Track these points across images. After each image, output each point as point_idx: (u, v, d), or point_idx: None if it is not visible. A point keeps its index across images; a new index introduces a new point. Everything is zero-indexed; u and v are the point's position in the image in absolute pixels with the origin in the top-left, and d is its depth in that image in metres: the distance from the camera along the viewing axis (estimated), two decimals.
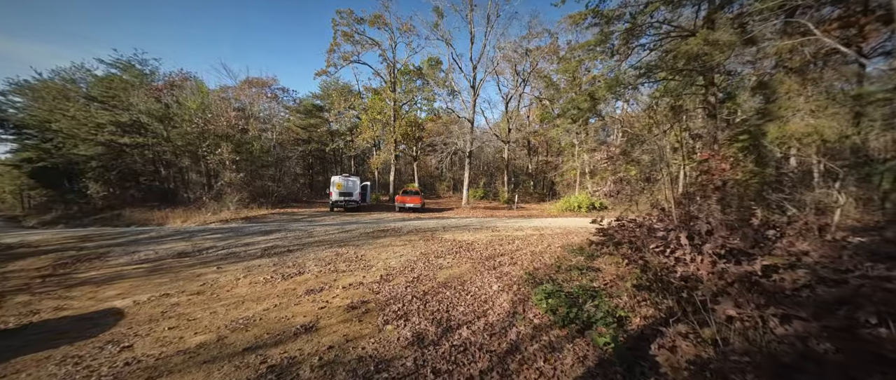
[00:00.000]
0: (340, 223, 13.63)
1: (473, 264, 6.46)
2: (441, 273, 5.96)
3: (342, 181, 18.60)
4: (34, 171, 24.81)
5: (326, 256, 7.56)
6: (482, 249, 7.95)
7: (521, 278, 5.22)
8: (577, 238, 9.04)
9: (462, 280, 5.48)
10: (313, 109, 32.96)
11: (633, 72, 9.04)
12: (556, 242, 8.54)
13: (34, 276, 6.59)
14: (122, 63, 23.10)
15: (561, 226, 11.98)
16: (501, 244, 8.44)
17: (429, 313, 4.17)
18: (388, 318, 4.07)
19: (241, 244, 9.32)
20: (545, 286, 4.31)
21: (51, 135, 22.39)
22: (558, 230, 10.82)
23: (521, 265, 6.08)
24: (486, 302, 4.38)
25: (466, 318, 3.93)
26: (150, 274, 6.51)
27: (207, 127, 21.20)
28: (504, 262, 6.49)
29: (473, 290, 4.93)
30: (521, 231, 10.80)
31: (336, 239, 9.82)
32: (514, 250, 7.63)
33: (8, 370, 3.15)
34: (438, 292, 4.93)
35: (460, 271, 6.01)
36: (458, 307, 4.29)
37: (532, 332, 3.33)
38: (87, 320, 4.38)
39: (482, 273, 5.77)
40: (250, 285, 5.68)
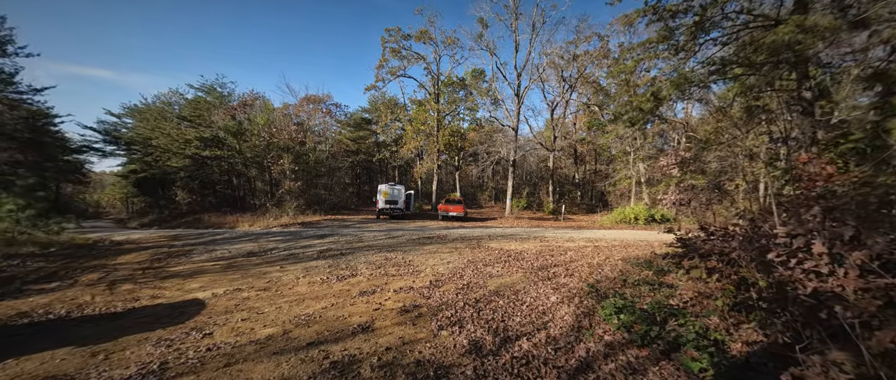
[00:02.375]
0: (387, 230, 14.03)
1: (525, 274, 6.16)
2: (492, 282, 5.76)
3: (388, 189, 19.27)
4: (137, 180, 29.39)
5: (376, 261, 7.76)
6: (532, 259, 7.59)
7: (581, 291, 4.83)
8: (639, 251, 8.25)
9: (515, 289, 5.23)
10: (362, 123, 34.96)
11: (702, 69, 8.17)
12: (616, 254, 7.86)
13: (136, 268, 7.66)
14: (207, 87, 26.67)
15: (617, 238, 11.07)
16: (553, 255, 7.99)
17: (483, 321, 4.00)
18: (442, 323, 3.99)
19: (299, 246, 9.98)
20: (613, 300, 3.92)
21: (151, 150, 26.44)
22: (615, 242, 10.00)
23: (579, 277, 5.65)
24: (544, 313, 4.10)
25: (525, 329, 3.70)
26: (225, 270, 7.20)
27: (272, 140, 23.49)
28: (559, 273, 6.10)
29: (529, 300, 4.66)
30: (573, 242, 10.16)
31: (384, 244, 10.08)
32: (569, 262, 7.16)
33: (116, 347, 3.61)
34: (491, 301, 4.75)
35: (512, 281, 5.76)
36: (515, 317, 4.07)
37: (604, 349, 3.00)
38: (176, 308, 4.92)
39: (536, 284, 5.46)
40: (309, 284, 6.00)
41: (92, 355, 3.42)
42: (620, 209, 18.18)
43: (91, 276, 6.92)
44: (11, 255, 8.00)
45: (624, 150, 24.20)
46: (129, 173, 30.34)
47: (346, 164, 33.28)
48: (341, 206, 26.56)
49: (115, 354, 3.43)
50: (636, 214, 16.48)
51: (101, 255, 9.39)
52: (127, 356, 3.37)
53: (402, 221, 18.94)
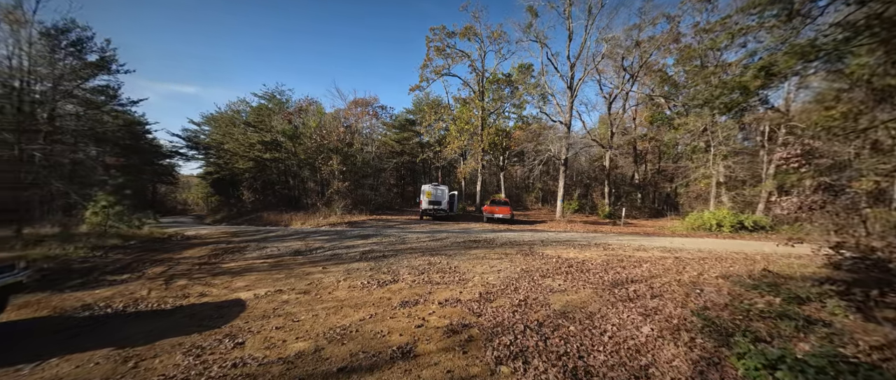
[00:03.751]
0: (430, 231, 13.54)
1: (596, 291, 5.07)
2: (554, 298, 4.79)
3: (432, 190, 18.86)
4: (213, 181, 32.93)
5: (419, 265, 7.18)
6: (600, 270, 6.40)
7: (685, 320, 3.68)
8: (740, 266, 6.59)
9: (587, 311, 4.22)
10: (406, 124, 35.35)
11: (834, 32, 6.26)
12: (710, 270, 6.33)
13: (194, 263, 8.01)
14: (268, 95, 28.94)
15: (701, 249, 9.24)
16: (625, 267, 6.70)
17: (553, 356, 3.11)
18: (499, 354, 3.18)
19: (343, 246, 9.85)
20: (748, 343, 2.76)
21: (223, 153, 29.38)
22: (701, 254, 8.27)
23: (673, 300, 4.44)
24: (638, 352, 3.07)
25: (617, 375, 2.73)
26: (271, 269, 7.16)
27: (322, 142, 24.58)
28: (641, 292, 4.91)
29: (610, 329, 3.64)
30: (645, 252, 8.63)
31: (427, 247, 9.52)
32: (649, 277, 5.86)
33: (149, 353, 3.39)
34: (558, 325, 3.81)
35: (580, 299, 4.73)
36: (596, 354, 3.11)
37: None
38: (218, 309, 4.77)
39: (614, 305, 4.38)
40: (349, 288, 5.58)
41: (124, 360, 3.21)
42: (696, 214, 15.59)
43: (156, 269, 7.33)
44: (98, 246, 8.90)
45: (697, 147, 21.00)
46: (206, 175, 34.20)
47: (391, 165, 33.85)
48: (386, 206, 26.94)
49: (144, 361, 3.19)
50: (719, 219, 13.92)
51: (171, 249, 10.17)
52: (154, 366, 3.10)
53: (446, 222, 18.40)
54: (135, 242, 10.33)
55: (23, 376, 2.99)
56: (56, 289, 5.72)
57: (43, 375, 3.00)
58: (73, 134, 17.98)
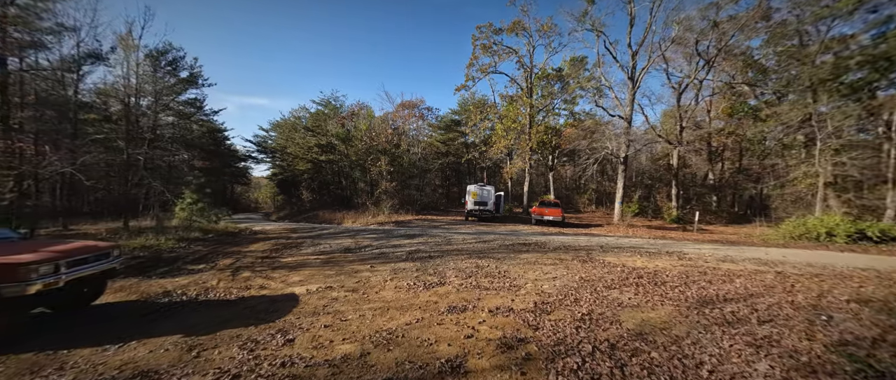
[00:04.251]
0: (476, 233, 13.14)
1: (678, 309, 4.27)
2: (626, 315, 4.11)
3: (477, 190, 18.45)
4: (278, 182, 36.30)
5: (466, 268, 6.84)
6: (678, 284, 5.46)
7: (817, 357, 2.83)
8: (874, 288, 5.14)
9: (671, 335, 3.50)
10: (451, 124, 35.38)
11: None
12: (831, 290, 5.02)
13: (258, 256, 8.63)
14: (324, 101, 31.08)
15: (808, 262, 7.54)
16: (710, 282, 5.64)
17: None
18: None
19: (390, 245, 9.92)
20: None
21: (286, 156, 32.20)
22: (810, 270, 6.72)
23: (791, 328, 3.50)
24: None
25: None
26: (323, 266, 7.39)
27: (372, 144, 25.59)
28: (742, 314, 4.00)
29: (708, 361, 2.93)
30: (733, 264, 7.28)
31: (474, 249, 9.15)
32: (747, 296, 4.82)
33: (211, 342, 3.52)
34: (636, 350, 3.19)
35: (660, 318, 3.99)
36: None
37: None
38: (274, 302, 4.93)
39: (708, 329, 3.59)
40: (396, 289, 5.45)
41: (189, 349, 3.36)
42: (797, 220, 12.95)
43: (226, 261, 8.02)
44: (183, 238, 10.08)
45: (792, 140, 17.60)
46: (272, 176, 37.85)
47: (436, 165, 34.12)
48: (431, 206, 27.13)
49: (205, 352, 3.30)
50: (830, 227, 11.35)
51: (240, 242, 11.19)
52: (213, 358, 3.19)
53: (492, 223, 17.84)
54: (212, 235, 11.57)
55: (107, 355, 3.26)
56: (146, 275, 6.48)
57: (122, 356, 3.25)
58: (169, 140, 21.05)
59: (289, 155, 31.71)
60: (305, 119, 33.34)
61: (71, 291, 4.07)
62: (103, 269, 4.41)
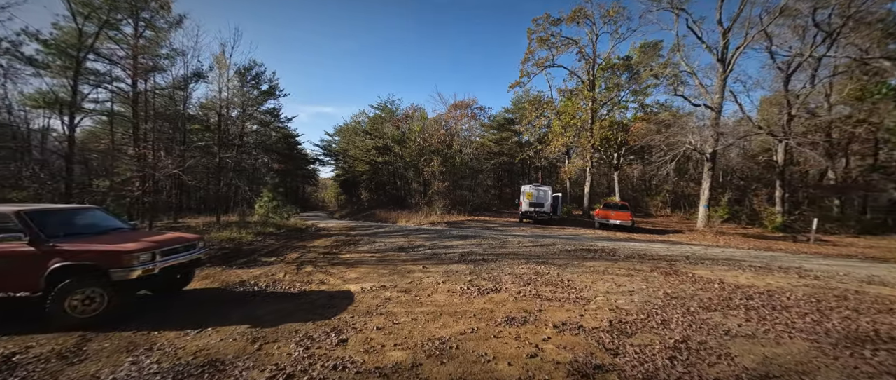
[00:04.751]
0: (533, 236, 12.34)
1: (817, 345, 3.25)
2: (738, 347, 3.24)
3: (533, 191, 17.47)
4: (341, 182, 39.17)
5: (524, 274, 6.30)
6: (806, 310, 4.25)
7: None
8: None
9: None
10: (504, 123, 34.41)
11: None
12: None
13: (320, 251, 9.13)
14: (381, 105, 32.64)
15: None
16: (855, 310, 4.29)
17: None
18: None
19: (442, 246, 9.75)
20: None
21: (348, 159, 34.56)
22: None
23: None
24: None
25: None
26: (377, 264, 7.48)
27: (425, 145, 26.04)
28: None
29: None
30: (887, 288, 5.52)
31: (531, 254, 8.50)
32: None
33: (272, 336, 3.61)
34: None
35: (791, 356, 3.05)
36: None
37: None
38: (331, 298, 5.02)
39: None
40: (448, 293, 5.18)
41: (253, 341, 3.49)
42: None
43: (293, 255, 8.62)
44: (260, 233, 11.19)
45: None
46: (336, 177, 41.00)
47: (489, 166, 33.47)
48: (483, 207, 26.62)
49: (266, 346, 3.38)
50: None
51: (306, 238, 12.08)
52: (272, 353, 3.24)
53: (549, 226, 16.71)
54: (283, 230, 12.72)
55: (186, 340, 3.53)
56: (228, 265, 7.21)
57: (198, 342, 3.48)
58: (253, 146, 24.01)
59: (350, 157, 33.97)
60: (364, 123, 35.40)
61: (165, 277, 4.57)
62: (191, 258, 4.91)
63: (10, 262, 3.71)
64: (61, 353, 3.20)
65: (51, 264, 3.74)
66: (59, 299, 3.72)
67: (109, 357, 3.15)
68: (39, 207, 4.31)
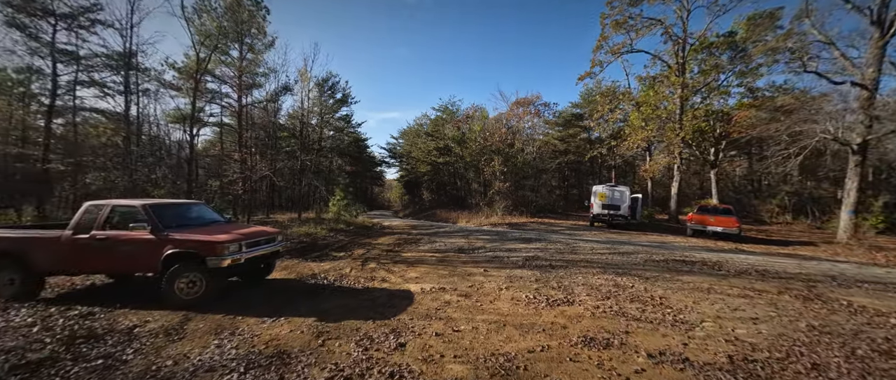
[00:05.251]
0: (608, 242, 10.98)
1: None
2: None
3: (606, 191, 15.68)
4: (404, 183, 40.98)
5: (601, 286, 5.48)
6: None
7: None
8: None
9: None
10: (571, 119, 31.96)
11: None
12: None
13: (384, 249, 9.42)
14: (442, 107, 33.15)
15: None
16: None
17: None
18: None
19: (504, 248, 9.23)
20: None
21: (411, 160, 35.94)
22: None
23: None
24: None
25: None
26: (437, 264, 7.35)
27: (485, 145, 25.56)
28: None
29: None
30: None
31: (609, 262, 7.47)
32: None
33: (335, 332, 3.64)
34: None
35: None
36: None
37: None
38: (392, 297, 4.99)
39: None
40: (512, 301, 4.72)
41: (317, 335, 3.55)
42: None
43: (359, 251, 9.04)
44: (332, 229, 12.10)
45: None
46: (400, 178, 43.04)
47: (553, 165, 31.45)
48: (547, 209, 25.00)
49: (329, 342, 3.40)
50: None
51: (372, 235, 12.69)
52: (333, 350, 3.22)
53: (627, 231, 14.77)
54: (352, 227, 13.61)
55: (263, 328, 3.76)
56: (303, 258, 7.83)
57: (271, 332, 3.67)
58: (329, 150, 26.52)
59: (412, 159, 35.26)
60: (426, 125, 36.40)
61: (250, 266, 5.05)
62: (271, 250, 5.36)
63: (137, 246, 4.43)
64: (167, 330, 3.67)
65: (165, 251, 4.36)
66: (170, 280, 4.32)
67: (201, 338, 3.49)
68: (158, 202, 5.13)
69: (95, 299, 4.70)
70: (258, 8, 17.18)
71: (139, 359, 2.98)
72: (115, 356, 3.01)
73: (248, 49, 18.44)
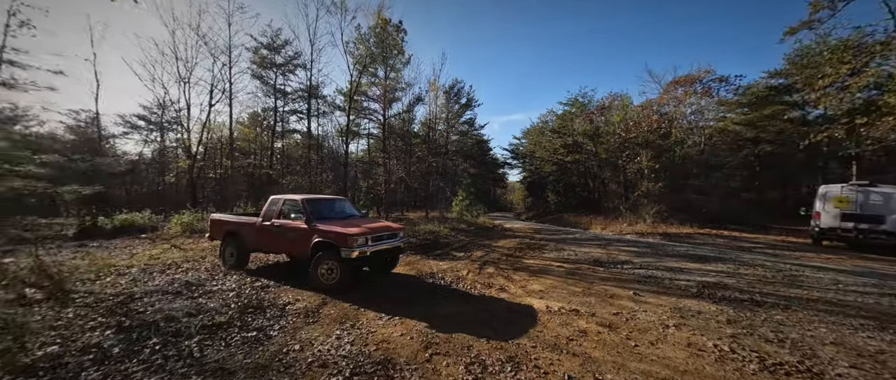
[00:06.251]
0: (868, 273, 6.81)
1: None
2: None
3: (851, 194, 10.10)
4: (527, 185, 39.31)
5: (875, 351, 3.13)
6: None
7: None
8: None
9: None
10: (769, 94, 22.96)
11: None
12: None
13: (504, 252, 8.72)
14: (570, 100, 29.84)
15: None
16: None
17: None
18: None
19: (662, 266, 6.98)
20: None
21: (534, 160, 34.08)
22: None
23: None
24: None
25: None
26: (567, 277, 6.11)
27: (628, 137, 21.29)
28: None
29: None
30: None
31: (880, 310, 4.43)
32: None
33: (444, 346, 3.20)
34: None
35: None
36: None
37: None
38: (511, 311, 4.25)
39: None
40: (691, 349, 3.19)
41: (426, 346, 3.19)
42: None
43: (478, 252, 8.66)
44: (454, 228, 12.29)
45: None
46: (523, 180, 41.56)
47: (735, 159, 23.43)
48: (725, 218, 18.55)
49: (436, 357, 2.98)
50: None
51: (492, 236, 12.22)
52: (440, 370, 2.76)
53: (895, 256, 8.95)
54: (473, 227, 13.54)
55: (378, 325, 3.70)
56: (425, 255, 8.03)
57: (384, 330, 3.55)
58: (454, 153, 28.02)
59: (536, 159, 33.26)
60: (552, 122, 33.68)
61: (376, 259, 5.30)
62: (394, 245, 5.52)
63: (297, 233, 5.26)
64: (308, 311, 4.08)
65: (313, 239, 5.00)
66: (315, 266, 4.91)
67: (328, 325, 3.68)
68: (312, 197, 6.05)
69: (274, 274, 5.90)
70: (398, 31, 19.67)
71: (279, 337, 3.30)
72: (265, 330, 3.44)
73: (390, 69, 21.37)
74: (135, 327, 3.22)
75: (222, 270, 5.96)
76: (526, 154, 37.43)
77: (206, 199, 19.02)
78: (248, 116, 22.50)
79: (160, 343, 2.92)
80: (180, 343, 2.95)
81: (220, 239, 6.38)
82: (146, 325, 3.26)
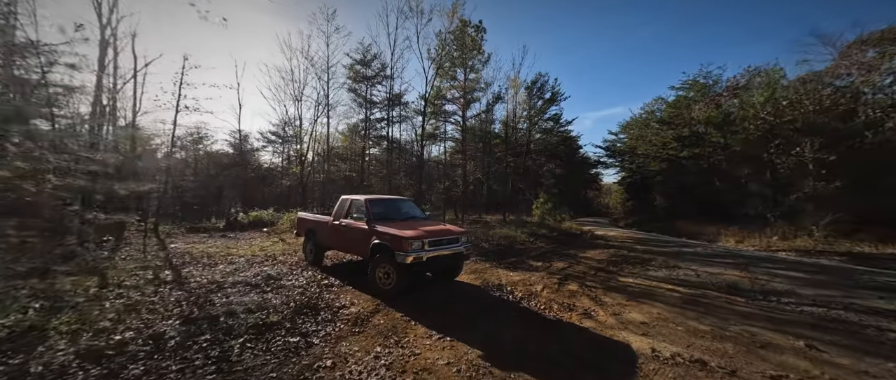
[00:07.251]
0: None
1: None
2: None
3: None
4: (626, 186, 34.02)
5: None
6: None
7: None
8: None
9: None
10: None
11: None
12: None
13: (592, 266, 7.23)
14: (689, 83, 24.44)
15: None
16: None
17: None
18: None
19: (859, 308, 4.58)
20: None
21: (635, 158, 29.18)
22: None
23: None
24: None
25: None
26: (684, 306, 4.51)
27: (779, 122, 16.03)
28: None
29: None
30: None
31: None
32: None
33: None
34: None
35: None
36: None
37: None
38: (599, 351, 3.19)
39: None
40: None
41: None
42: None
43: (559, 263, 7.39)
44: (533, 233, 11.07)
45: None
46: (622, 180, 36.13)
47: None
48: None
49: None
50: None
51: (578, 245, 10.53)
52: None
53: None
54: (556, 233, 11.99)
55: (425, 346, 3.18)
56: (496, 262, 7.22)
57: (430, 354, 3.00)
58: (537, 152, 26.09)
59: (638, 156, 28.39)
60: (659, 112, 28.27)
61: (434, 266, 4.82)
62: (453, 251, 4.95)
63: (358, 233, 5.19)
64: (357, 319, 3.83)
65: (372, 240, 4.82)
66: (373, 268, 4.72)
67: (372, 338, 3.32)
68: (375, 197, 5.97)
69: (343, 273, 6.01)
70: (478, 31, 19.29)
71: (318, 348, 3.08)
72: (309, 337, 3.28)
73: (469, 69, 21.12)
74: (200, 318, 3.46)
75: (303, 264, 6.39)
76: (625, 151, 32.35)
77: (314, 200, 22.18)
78: (346, 125, 25.52)
79: (209, 340, 3.00)
80: (226, 343, 2.98)
81: (303, 235, 6.90)
82: (209, 318, 3.46)
